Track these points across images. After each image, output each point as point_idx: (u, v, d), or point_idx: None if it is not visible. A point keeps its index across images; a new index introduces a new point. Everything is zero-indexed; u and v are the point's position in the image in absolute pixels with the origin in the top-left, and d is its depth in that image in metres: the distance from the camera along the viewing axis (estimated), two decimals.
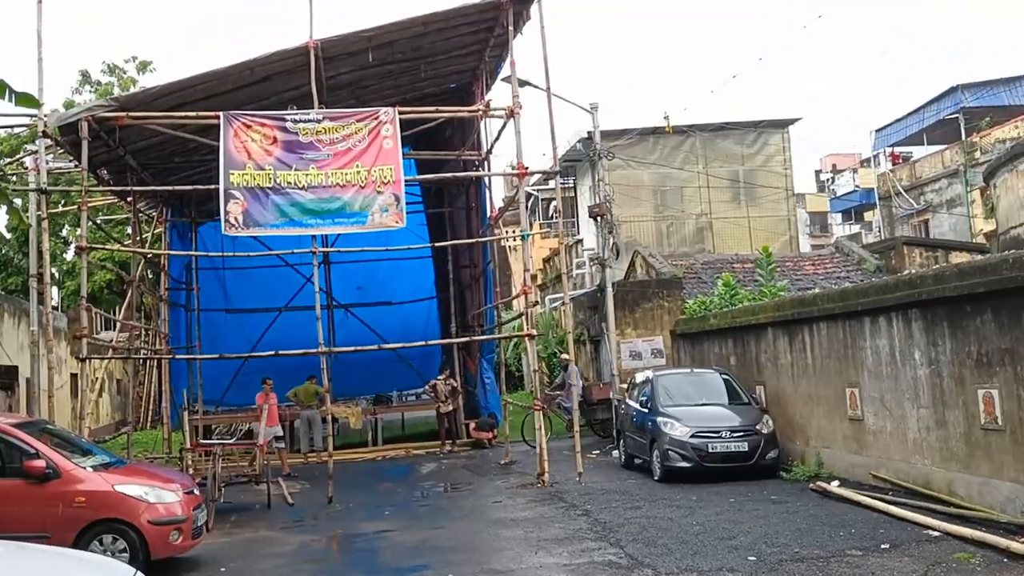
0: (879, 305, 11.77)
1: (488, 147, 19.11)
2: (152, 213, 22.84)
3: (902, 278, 11.77)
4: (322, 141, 15.34)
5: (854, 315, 12.52)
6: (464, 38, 17.62)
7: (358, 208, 15.30)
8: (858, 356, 12.54)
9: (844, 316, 12.80)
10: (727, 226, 29.45)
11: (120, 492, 9.52)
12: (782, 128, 30.25)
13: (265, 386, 18.13)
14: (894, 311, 11.49)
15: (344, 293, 25.02)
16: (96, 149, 16.72)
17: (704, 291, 22.32)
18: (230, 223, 15.04)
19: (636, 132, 28.77)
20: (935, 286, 10.61)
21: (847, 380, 12.88)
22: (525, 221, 16.04)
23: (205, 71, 15.56)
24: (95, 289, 31.46)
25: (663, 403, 15.14)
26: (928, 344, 10.94)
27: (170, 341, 22.61)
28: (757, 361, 16.03)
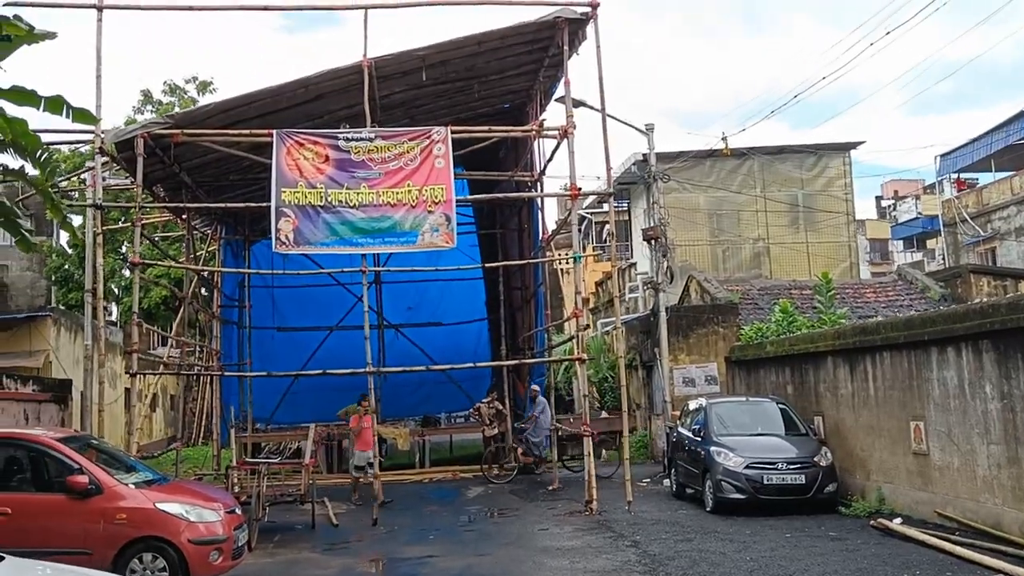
0: (947, 335, 11.23)
1: (541, 168, 18.89)
2: (207, 231, 23.02)
3: (972, 307, 11.24)
4: (374, 160, 15.26)
5: (920, 345, 11.98)
6: (519, 58, 17.46)
7: (408, 227, 15.18)
8: (924, 388, 11.99)
9: (909, 346, 12.26)
10: (784, 251, 28.81)
11: (161, 510, 9.39)
12: (843, 152, 29.57)
13: (360, 407, 17.06)
14: (963, 341, 10.95)
15: (395, 313, 24.92)
16: (152, 166, 16.88)
17: (760, 318, 21.77)
18: (281, 241, 15.02)
19: (692, 155, 28.33)
20: (1009, 316, 10.08)
21: (912, 412, 12.32)
22: (577, 243, 15.75)
23: (259, 89, 15.62)
24: (151, 305, 31.84)
25: (717, 432, 14.69)
26: (1000, 377, 10.39)
27: (222, 358, 22.71)
28: (816, 390, 15.49)
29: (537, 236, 20.74)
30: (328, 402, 21.69)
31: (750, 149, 29.06)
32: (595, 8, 15.65)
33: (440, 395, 24.13)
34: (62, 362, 20.54)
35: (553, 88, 18.77)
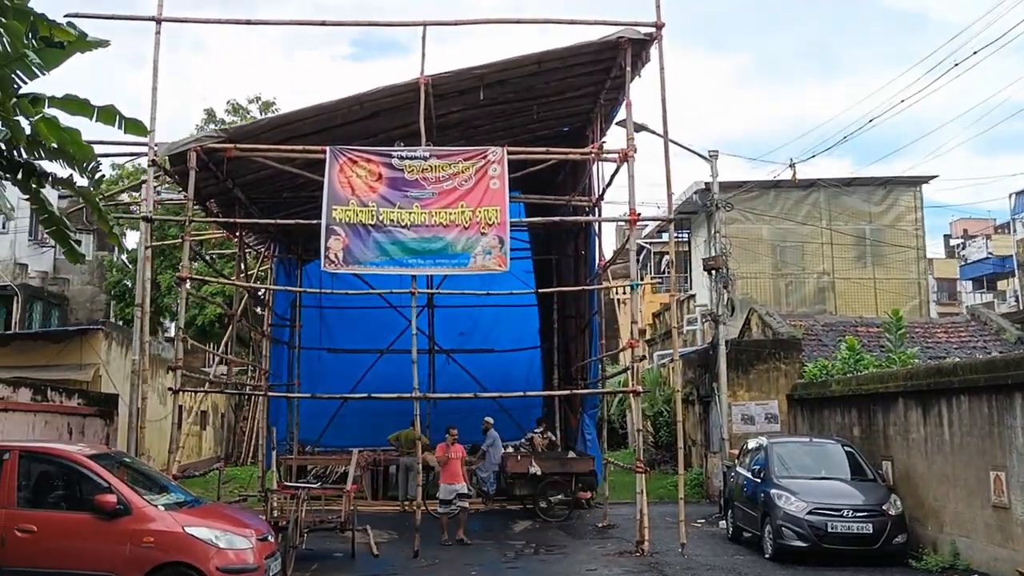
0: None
1: (599, 193, 18.34)
2: (260, 249, 22.89)
3: None
4: (427, 179, 14.89)
5: (1002, 389, 11.11)
6: (579, 79, 17.00)
7: (460, 249, 14.74)
8: (1006, 435, 11.10)
9: (990, 390, 11.39)
10: (850, 287, 27.77)
11: (190, 534, 8.99)
12: (914, 186, 28.50)
13: (448, 436, 15.80)
14: None
15: (447, 338, 24.49)
16: (205, 181, 16.73)
17: (824, 355, 20.87)
18: (330, 259, 14.69)
19: (754, 184, 27.55)
20: None
21: (991, 462, 11.43)
22: (635, 271, 15.13)
23: (314, 104, 15.37)
24: (205, 323, 31.89)
25: (778, 473, 13.93)
26: None
27: (271, 378, 22.45)
28: (884, 434, 14.60)
29: (594, 263, 20.17)
30: (377, 426, 21.30)
31: (816, 181, 28.20)
32: (659, 29, 15.15)
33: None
34: (112, 376, 20.44)
35: (614, 112, 18.26)
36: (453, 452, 15.53)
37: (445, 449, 15.56)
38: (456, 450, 15.61)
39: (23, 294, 34.56)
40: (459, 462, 15.53)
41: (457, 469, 15.46)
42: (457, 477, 15.41)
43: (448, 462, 15.43)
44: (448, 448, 15.55)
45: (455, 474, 15.43)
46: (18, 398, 13.83)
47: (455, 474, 15.43)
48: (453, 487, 15.31)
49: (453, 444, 15.57)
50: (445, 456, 15.44)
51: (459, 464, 15.52)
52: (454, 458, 15.46)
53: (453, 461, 15.46)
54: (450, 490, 15.31)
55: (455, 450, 15.59)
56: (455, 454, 15.53)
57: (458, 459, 15.51)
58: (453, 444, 15.57)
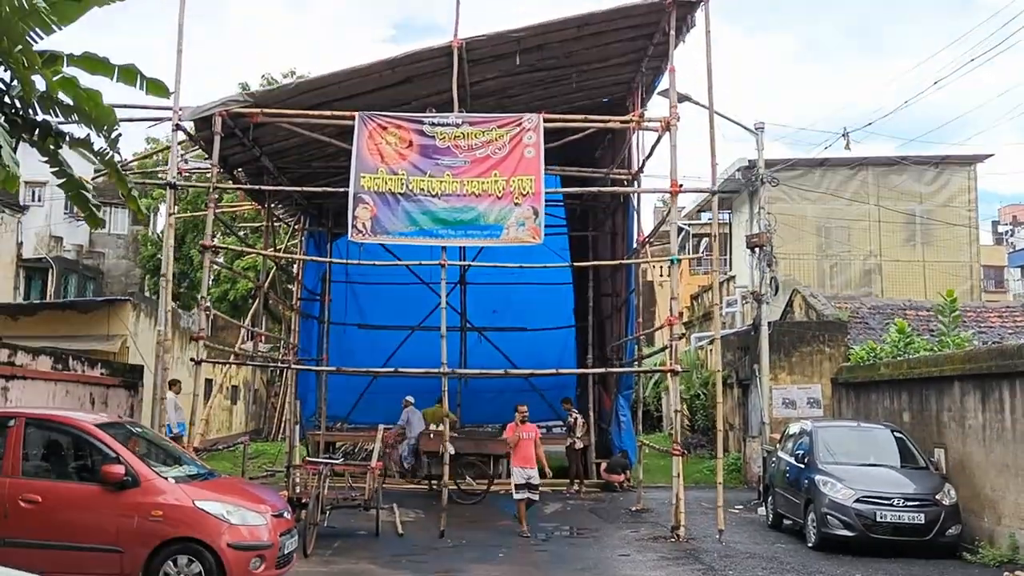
0: None
1: (639, 164, 17.62)
2: (290, 222, 22.47)
3: None
4: (460, 147, 14.29)
5: None
6: (621, 45, 16.26)
7: (493, 220, 14.14)
8: None
9: None
10: (898, 270, 26.79)
11: (200, 509, 8.51)
12: (968, 165, 27.36)
13: (518, 414, 14.34)
14: None
15: (479, 316, 23.94)
16: (232, 148, 16.29)
17: (871, 338, 20.02)
18: (357, 229, 14.16)
19: (795, 162, 26.58)
20: None
21: None
22: (676, 244, 14.43)
23: (344, 68, 14.81)
24: (237, 297, 31.69)
25: (823, 459, 13.23)
26: None
27: (300, 353, 22.07)
28: (938, 419, 13.82)
29: (631, 240, 19.48)
30: None
31: (865, 159, 27.20)
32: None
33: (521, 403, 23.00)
34: (140, 348, 20.18)
35: (656, 82, 17.54)
36: (524, 432, 14.10)
37: (515, 429, 14.13)
38: (528, 430, 14.19)
39: (58, 267, 34.60)
40: (531, 443, 14.08)
41: (530, 451, 13.99)
42: (530, 460, 13.97)
43: (519, 443, 13.99)
44: (518, 428, 14.13)
45: (527, 456, 13.98)
46: (38, 366, 13.47)
47: (527, 456, 13.98)
48: (526, 471, 13.91)
49: (523, 423, 14.18)
50: (515, 437, 14.02)
51: (532, 446, 14.05)
52: (526, 439, 14.06)
53: (525, 442, 14.04)
54: (523, 474, 13.89)
55: (526, 430, 14.16)
56: (527, 434, 14.11)
57: (531, 440, 14.10)
58: (523, 423, 14.18)
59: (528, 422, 14.31)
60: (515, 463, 14.06)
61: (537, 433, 14.28)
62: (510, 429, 14.28)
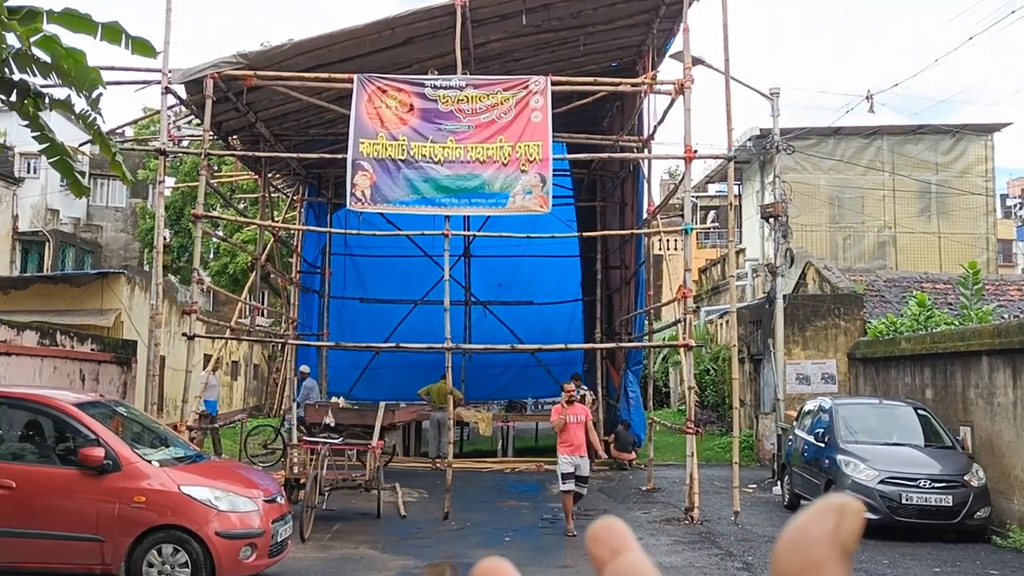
0: None
1: (651, 130, 16.92)
2: (288, 192, 21.82)
3: None
4: (463, 111, 13.61)
5: None
6: (631, 4, 15.52)
7: (498, 188, 13.48)
8: None
9: None
10: (913, 241, 26.08)
11: (186, 495, 7.94)
12: (986, 134, 26.55)
13: (564, 392, 12.08)
14: None
15: (484, 290, 23.35)
16: (225, 113, 15.63)
17: (887, 312, 19.39)
18: (356, 197, 13.51)
19: (808, 130, 25.74)
20: None
21: None
22: (689, 213, 13.78)
23: (341, 28, 14.09)
24: (237, 271, 31.10)
25: (845, 438, 12.64)
26: None
27: (300, 328, 21.49)
28: (963, 396, 13.22)
29: (641, 210, 18.81)
30: (410, 380, 20.29)
31: (879, 128, 26.43)
32: None
33: (527, 379, 22.47)
34: (136, 323, 19.58)
35: (667, 45, 16.78)
36: (571, 414, 11.80)
37: (561, 411, 11.86)
38: (576, 411, 11.90)
39: (54, 240, 33.99)
40: (582, 428, 11.79)
41: (579, 437, 11.72)
42: (579, 447, 11.71)
43: (566, 428, 11.72)
44: (564, 409, 11.85)
45: (576, 443, 11.71)
46: (23, 342, 12.89)
47: (576, 443, 11.71)
48: (574, 459, 11.71)
49: (571, 404, 11.92)
50: (562, 420, 11.74)
51: (582, 431, 11.78)
52: (574, 423, 11.76)
53: (573, 427, 11.74)
54: (571, 462, 11.70)
55: (574, 412, 11.87)
56: (575, 417, 11.81)
57: (580, 424, 11.79)
58: (571, 404, 11.92)
59: (576, 402, 12.26)
60: (562, 450, 11.80)
61: (589, 416, 12.16)
62: (556, 411, 12.07)
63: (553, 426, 12.10)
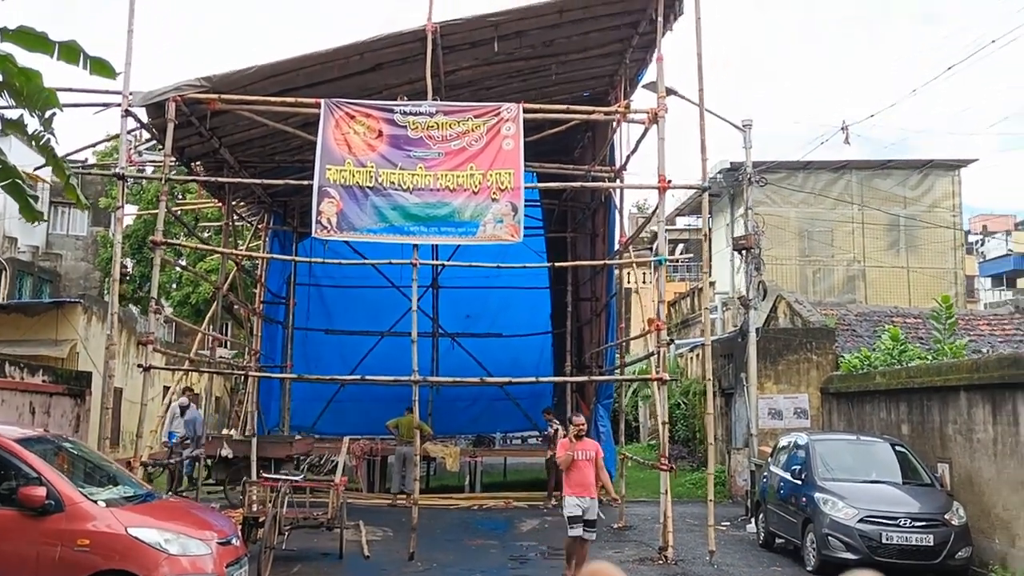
0: None
1: (623, 160, 16.72)
2: (253, 220, 21.34)
3: None
4: (433, 137, 13.30)
5: None
6: (604, 34, 15.38)
7: (469, 216, 13.14)
8: None
9: None
10: (882, 275, 26.13)
11: (134, 537, 7.41)
12: (953, 169, 26.79)
13: (572, 427, 11.07)
14: None
15: (452, 321, 22.97)
16: (188, 138, 15.22)
17: (858, 345, 19.26)
18: (322, 225, 13.11)
19: (778, 164, 25.76)
20: None
21: None
22: (663, 244, 13.53)
23: (308, 53, 13.77)
24: (199, 301, 30.40)
25: (822, 475, 12.33)
26: None
27: (263, 360, 20.96)
28: (941, 432, 12.99)
29: (612, 243, 18.59)
30: (376, 413, 19.78)
31: (848, 163, 26.54)
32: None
33: (495, 413, 22.07)
34: (92, 354, 18.95)
35: (640, 75, 16.65)
36: (581, 450, 10.70)
37: (568, 446, 10.77)
38: (586, 448, 10.79)
39: (11, 268, 33.07)
40: (591, 466, 10.70)
41: (589, 476, 10.67)
42: (588, 488, 10.62)
43: (574, 465, 10.63)
44: (573, 444, 10.74)
45: (585, 483, 10.63)
46: None
47: (585, 483, 10.63)
48: (582, 501, 10.59)
49: (579, 438, 10.80)
50: (569, 457, 10.63)
51: (592, 468, 10.70)
52: (583, 460, 10.66)
53: (582, 465, 10.64)
54: (579, 505, 10.57)
55: (584, 448, 10.75)
56: (584, 453, 10.70)
57: (590, 462, 10.70)
58: (579, 438, 10.80)
59: (586, 436, 11.11)
60: (568, 490, 10.70)
61: (599, 452, 10.99)
62: (563, 446, 10.96)
63: (560, 463, 11.00)
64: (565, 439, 11.01)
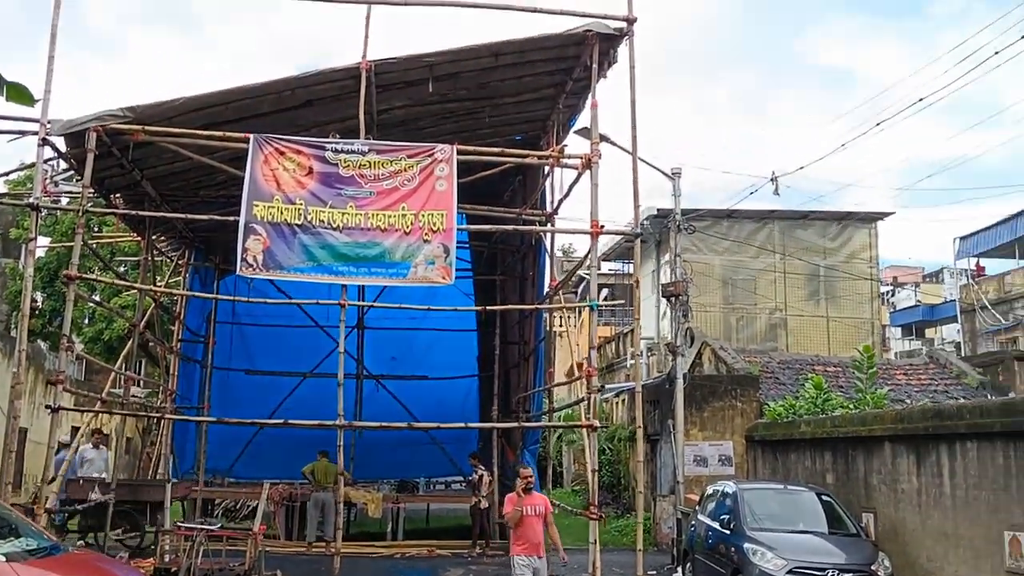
0: None
1: (555, 204, 16.70)
2: (174, 256, 20.68)
3: None
4: (365, 176, 13.07)
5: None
6: (538, 78, 15.39)
7: (399, 257, 12.90)
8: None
9: (1006, 436, 9.96)
10: (803, 324, 26.66)
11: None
12: (870, 223, 27.60)
13: (520, 480, 10.20)
14: None
15: (377, 363, 22.52)
16: (109, 170, 14.68)
17: (781, 393, 19.53)
18: (248, 263, 12.70)
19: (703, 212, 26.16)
20: None
21: (1008, 520, 9.96)
22: (594, 290, 13.48)
23: (239, 86, 13.43)
24: (113, 338, 29.33)
25: (751, 524, 12.29)
26: None
27: (179, 400, 20.20)
28: (866, 482, 13.12)
29: (542, 287, 18.50)
30: (297, 457, 19.18)
31: (771, 213, 27.11)
32: (631, 24, 13.66)
33: (420, 457, 21.61)
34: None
35: (572, 121, 16.70)
36: (529, 505, 10.02)
37: (516, 500, 10.02)
38: (535, 502, 10.12)
39: None
40: (540, 522, 10.02)
41: (538, 533, 9.96)
42: (537, 546, 9.92)
43: (522, 521, 9.92)
44: (521, 499, 10.00)
45: (534, 540, 9.92)
46: None
47: (534, 540, 9.92)
48: (531, 561, 9.87)
49: (528, 492, 10.10)
50: (517, 513, 9.90)
51: (541, 525, 10.02)
52: (531, 515, 9.97)
53: (531, 521, 9.94)
54: (528, 565, 9.85)
55: (532, 502, 10.08)
56: (533, 508, 10.02)
57: (539, 517, 10.02)
58: (528, 492, 10.10)
59: (535, 490, 10.42)
60: (517, 549, 9.93)
61: (548, 507, 10.35)
62: (510, 501, 10.19)
63: (507, 520, 10.29)
64: (512, 493, 10.31)
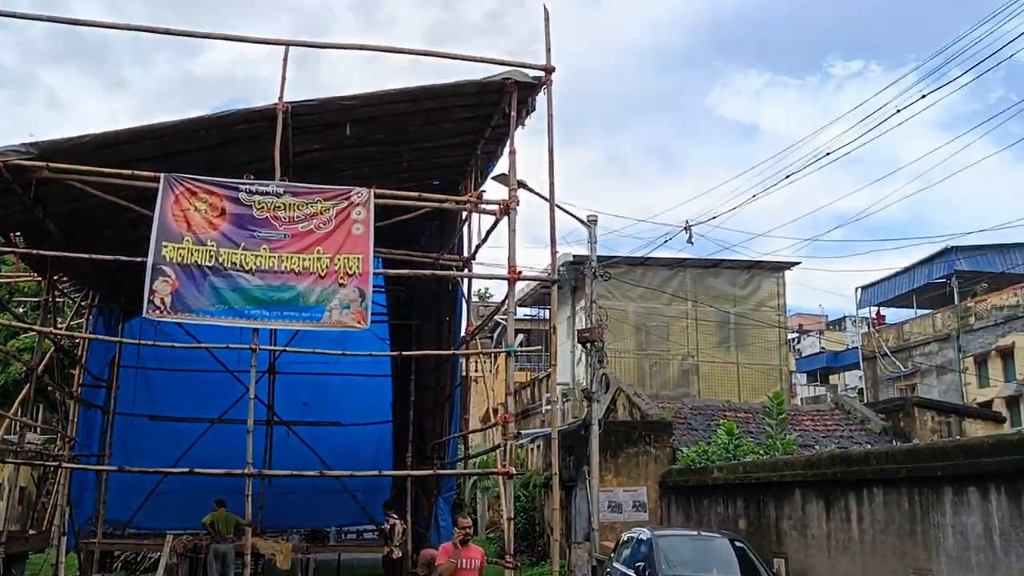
0: (971, 472, 9.21)
1: (472, 250, 16.69)
2: (76, 297, 19.94)
3: (1006, 438, 9.29)
4: (279, 219, 12.86)
5: (927, 482, 9.94)
6: (457, 124, 15.46)
7: (314, 301, 12.69)
8: (932, 534, 9.89)
9: (912, 482, 10.21)
10: (714, 370, 27.12)
11: None
12: (778, 272, 28.38)
13: (458, 531, 9.89)
14: (993, 480, 8.92)
15: (288, 409, 22.00)
16: (10, 206, 14.12)
17: (694, 439, 19.73)
18: (155, 305, 12.30)
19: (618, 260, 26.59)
20: None
21: (913, 564, 10.19)
22: (511, 335, 13.48)
23: (150, 124, 13.13)
24: (9, 382, 28.12)
25: (664, 571, 12.31)
26: None
27: (77, 447, 19.32)
28: (777, 528, 13.30)
29: (458, 331, 18.43)
30: (202, 507, 18.51)
31: (683, 261, 27.63)
32: (549, 73, 13.86)
33: (331, 505, 21.09)
34: None
35: (490, 167, 16.82)
36: (465, 558, 9.62)
37: (451, 551, 9.64)
38: (472, 555, 9.75)
39: None
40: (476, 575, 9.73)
41: None
42: None
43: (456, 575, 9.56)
44: (456, 552, 9.61)
45: None
46: None
47: None
48: None
49: (465, 543, 9.72)
50: (452, 565, 9.51)
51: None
52: (466, 569, 9.58)
53: (465, 573, 9.61)
54: None
55: (468, 555, 9.70)
56: (468, 562, 9.64)
57: (474, 571, 9.68)
58: (465, 543, 9.72)
59: (471, 543, 9.98)
60: None
61: (483, 559, 10.00)
62: (444, 552, 9.85)
63: (442, 573, 9.79)
64: (448, 543, 9.95)
